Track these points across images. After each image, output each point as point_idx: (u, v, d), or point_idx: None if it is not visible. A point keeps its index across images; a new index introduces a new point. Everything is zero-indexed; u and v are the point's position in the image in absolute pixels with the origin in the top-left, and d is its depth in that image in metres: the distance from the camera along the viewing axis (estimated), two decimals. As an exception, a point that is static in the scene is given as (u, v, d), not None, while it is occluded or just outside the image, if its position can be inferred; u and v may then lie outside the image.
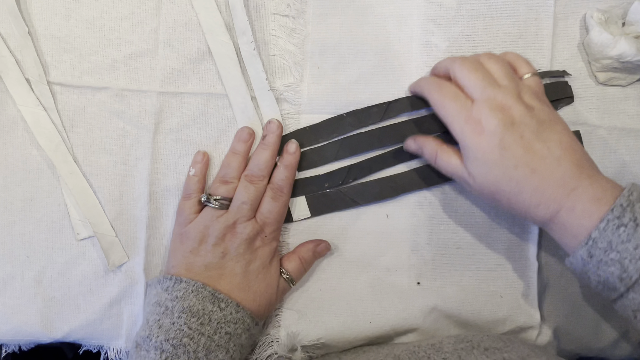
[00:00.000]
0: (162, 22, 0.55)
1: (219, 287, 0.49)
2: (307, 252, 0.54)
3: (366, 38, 0.56)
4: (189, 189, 0.53)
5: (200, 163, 0.54)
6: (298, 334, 0.54)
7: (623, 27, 0.56)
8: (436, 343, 0.50)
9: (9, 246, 0.54)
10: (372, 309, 0.55)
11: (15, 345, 0.56)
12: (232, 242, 0.50)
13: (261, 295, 0.51)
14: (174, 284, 0.49)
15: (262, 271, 0.51)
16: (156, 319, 0.47)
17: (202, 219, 0.51)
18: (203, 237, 0.51)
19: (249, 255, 0.51)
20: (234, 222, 0.51)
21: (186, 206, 0.52)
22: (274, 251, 0.53)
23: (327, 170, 0.56)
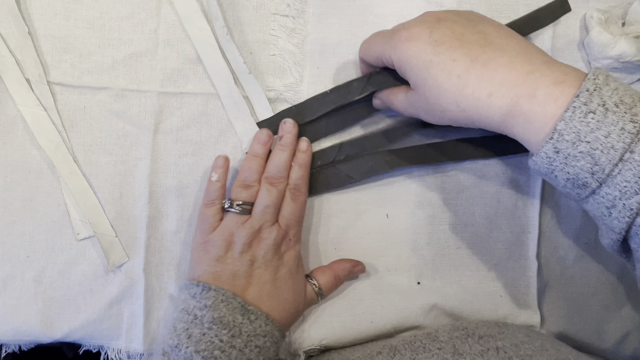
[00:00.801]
0: (162, 22, 0.55)
1: (246, 297, 0.48)
2: (344, 270, 0.53)
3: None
4: (212, 196, 0.51)
5: (222, 168, 0.52)
6: (301, 340, 0.54)
7: (623, 27, 0.55)
8: (432, 332, 0.50)
9: (9, 246, 0.54)
10: (372, 308, 0.55)
11: (15, 345, 0.56)
12: (259, 248, 0.49)
13: (289, 303, 0.50)
14: (202, 291, 0.47)
15: (290, 278, 0.50)
16: (184, 328, 0.46)
17: (226, 225, 0.50)
18: (229, 244, 0.49)
19: (277, 261, 0.50)
20: (259, 227, 0.49)
21: (209, 213, 0.50)
22: (299, 255, 0.52)
23: (318, 148, 0.55)
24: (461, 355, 0.45)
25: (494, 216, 0.57)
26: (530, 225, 0.57)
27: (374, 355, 0.49)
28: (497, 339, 0.46)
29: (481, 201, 0.56)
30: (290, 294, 0.50)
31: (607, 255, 0.58)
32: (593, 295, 0.58)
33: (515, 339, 0.46)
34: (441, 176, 0.56)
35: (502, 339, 0.46)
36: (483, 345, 0.45)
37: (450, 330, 0.49)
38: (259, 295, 0.48)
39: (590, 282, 0.58)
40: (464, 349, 0.45)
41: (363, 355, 0.50)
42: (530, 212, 0.56)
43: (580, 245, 0.57)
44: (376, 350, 0.49)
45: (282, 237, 0.50)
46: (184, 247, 0.55)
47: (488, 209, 0.57)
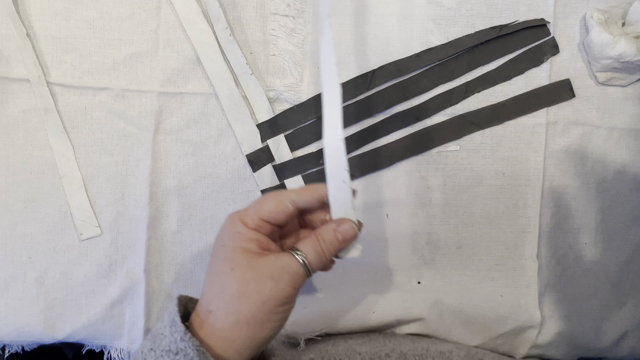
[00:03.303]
0: (162, 22, 0.55)
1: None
2: (327, 231, 0.42)
3: (366, 38, 0.56)
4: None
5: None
6: (300, 327, 0.54)
7: (623, 27, 0.55)
8: (445, 352, 0.50)
9: (11, 247, 0.54)
10: (375, 300, 0.55)
11: (18, 345, 0.56)
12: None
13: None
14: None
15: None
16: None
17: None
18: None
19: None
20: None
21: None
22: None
23: (320, 147, 0.56)
24: None
25: (494, 216, 0.57)
26: (530, 225, 0.57)
27: (382, 357, 0.49)
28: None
29: (481, 201, 0.57)
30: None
31: (607, 255, 0.58)
32: (593, 295, 0.58)
33: None
34: (441, 176, 0.56)
35: None
36: None
37: (465, 356, 0.49)
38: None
39: (590, 282, 0.58)
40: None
41: (371, 352, 0.49)
42: (530, 212, 0.57)
43: (580, 245, 0.57)
44: (385, 352, 0.49)
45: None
46: (184, 247, 0.56)
47: (488, 209, 0.57)
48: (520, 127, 0.56)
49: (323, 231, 0.42)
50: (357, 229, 0.42)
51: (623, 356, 0.58)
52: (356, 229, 0.42)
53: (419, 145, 0.56)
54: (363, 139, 0.56)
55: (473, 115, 0.56)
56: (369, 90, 0.56)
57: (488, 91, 0.57)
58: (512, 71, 0.56)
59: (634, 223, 0.58)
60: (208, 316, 0.39)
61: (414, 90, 0.56)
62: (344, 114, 0.55)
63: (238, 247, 0.40)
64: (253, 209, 0.41)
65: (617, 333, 0.58)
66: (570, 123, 0.57)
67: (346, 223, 0.42)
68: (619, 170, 0.57)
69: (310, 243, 0.42)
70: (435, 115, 0.56)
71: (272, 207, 0.41)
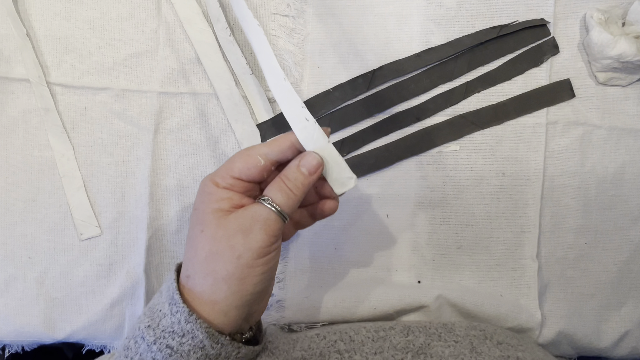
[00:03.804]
0: (162, 22, 0.55)
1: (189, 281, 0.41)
2: (290, 169, 0.41)
3: (366, 38, 0.56)
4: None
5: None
6: (299, 320, 0.55)
7: (623, 27, 0.55)
8: (448, 324, 0.50)
9: (11, 247, 0.54)
10: (376, 295, 0.55)
11: (18, 345, 0.56)
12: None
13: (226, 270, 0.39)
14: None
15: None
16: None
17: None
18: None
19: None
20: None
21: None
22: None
23: None
24: (480, 355, 0.45)
25: (494, 216, 0.57)
26: (530, 225, 0.57)
27: (386, 329, 0.49)
28: (517, 349, 0.46)
29: (481, 201, 0.57)
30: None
31: (607, 255, 0.58)
32: (593, 295, 0.58)
33: (535, 354, 0.46)
34: (441, 176, 0.56)
35: (523, 351, 0.46)
36: (503, 351, 0.45)
37: (467, 328, 0.49)
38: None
39: (590, 282, 0.58)
40: (482, 349, 0.45)
41: (375, 326, 0.50)
42: (530, 212, 0.57)
43: (580, 245, 0.57)
44: (389, 325, 0.50)
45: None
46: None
47: (488, 209, 0.57)
48: (520, 127, 0.56)
49: (286, 170, 0.41)
50: (319, 157, 0.41)
51: (623, 356, 0.58)
52: (319, 157, 0.41)
53: (419, 145, 0.56)
54: (363, 139, 0.56)
55: (473, 115, 0.56)
56: (369, 90, 0.56)
57: (488, 91, 0.57)
58: (512, 71, 0.57)
59: (633, 223, 0.58)
60: (187, 281, 0.38)
61: (414, 90, 0.56)
62: (344, 114, 0.56)
63: (208, 208, 0.39)
64: (223, 168, 0.40)
65: (617, 333, 0.58)
66: (570, 123, 0.57)
67: (308, 155, 0.41)
68: (619, 170, 0.57)
69: (274, 185, 0.40)
70: (435, 115, 0.56)
71: (242, 164, 0.40)
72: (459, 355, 0.45)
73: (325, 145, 0.41)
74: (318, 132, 0.41)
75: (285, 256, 0.56)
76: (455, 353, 0.45)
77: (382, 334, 0.48)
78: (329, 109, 0.55)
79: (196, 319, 0.36)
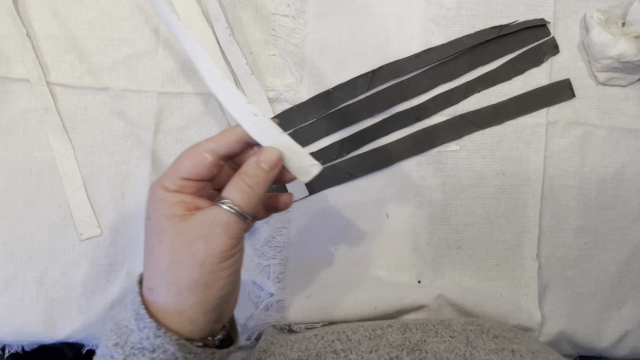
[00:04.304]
0: (162, 22, 0.55)
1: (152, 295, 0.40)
2: (249, 165, 0.39)
3: (366, 38, 0.56)
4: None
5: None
6: (299, 320, 0.55)
7: (623, 27, 0.55)
8: (445, 320, 0.50)
9: (11, 247, 0.54)
10: (376, 295, 0.55)
11: (18, 345, 0.56)
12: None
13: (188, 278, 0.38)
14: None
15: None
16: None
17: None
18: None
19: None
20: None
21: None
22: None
23: (320, 147, 0.56)
24: (475, 349, 0.45)
25: (494, 216, 0.57)
26: (530, 225, 0.57)
27: (384, 327, 0.49)
28: (512, 342, 0.46)
29: (481, 201, 0.57)
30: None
31: (607, 255, 0.58)
32: (593, 295, 0.58)
33: (531, 346, 0.46)
34: (442, 176, 0.56)
35: (519, 343, 0.46)
36: (498, 344, 0.45)
37: (464, 324, 0.49)
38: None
39: (590, 282, 0.58)
40: (478, 343, 0.46)
41: (373, 325, 0.50)
42: (530, 212, 0.57)
43: (580, 245, 0.57)
44: (387, 324, 0.50)
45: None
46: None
47: (488, 209, 0.57)
48: (520, 127, 0.57)
49: (245, 167, 0.38)
50: (278, 151, 0.39)
51: (623, 356, 0.59)
52: (278, 152, 0.39)
53: (419, 145, 0.56)
54: (363, 139, 0.56)
55: (473, 115, 0.56)
56: (369, 90, 0.56)
57: (488, 91, 0.57)
58: (512, 71, 0.57)
59: (633, 223, 0.58)
60: (150, 294, 0.37)
61: (414, 90, 0.56)
62: (344, 114, 0.56)
63: (162, 216, 0.37)
64: (171, 171, 0.38)
65: (617, 333, 0.58)
66: (570, 123, 0.57)
67: (266, 150, 0.39)
68: (619, 170, 0.57)
69: (234, 185, 0.38)
70: (435, 115, 0.56)
71: (189, 163, 0.38)
72: (453, 349, 0.45)
73: (279, 137, 0.39)
74: (270, 126, 0.39)
75: (286, 256, 0.56)
76: (451, 348, 0.45)
77: (379, 332, 0.48)
78: (329, 109, 0.56)
79: (165, 332, 0.35)
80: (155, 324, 0.35)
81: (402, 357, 0.44)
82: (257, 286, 0.57)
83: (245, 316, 0.57)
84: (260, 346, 0.49)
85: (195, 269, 0.36)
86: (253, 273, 0.57)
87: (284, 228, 0.56)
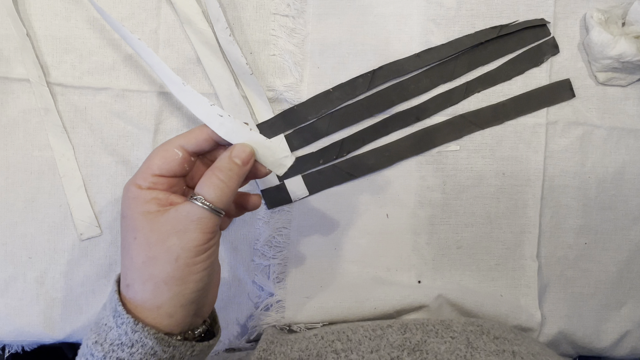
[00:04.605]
0: (162, 22, 0.55)
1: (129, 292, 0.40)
2: (222, 160, 0.39)
3: (366, 38, 0.56)
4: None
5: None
6: (299, 320, 0.55)
7: (623, 27, 0.55)
8: (445, 320, 0.50)
9: (11, 247, 0.54)
10: (376, 295, 0.55)
11: (18, 345, 0.56)
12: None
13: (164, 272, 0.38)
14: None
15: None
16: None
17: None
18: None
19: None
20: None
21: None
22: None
23: (320, 147, 0.56)
24: (475, 350, 0.45)
25: (494, 216, 0.57)
26: (530, 225, 0.57)
27: (384, 327, 0.49)
28: (513, 344, 0.46)
29: (481, 201, 0.57)
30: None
31: (607, 255, 0.58)
32: (593, 295, 0.58)
33: (531, 348, 0.46)
34: (441, 176, 0.56)
35: (519, 345, 0.46)
36: (499, 345, 0.45)
37: (465, 324, 0.49)
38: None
39: (590, 282, 0.58)
40: (478, 344, 0.46)
41: (373, 325, 0.50)
42: (530, 212, 0.57)
43: (580, 245, 0.57)
44: (387, 324, 0.50)
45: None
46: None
47: (488, 209, 0.57)
48: (520, 127, 0.57)
49: (218, 162, 0.39)
50: (250, 146, 0.40)
51: (623, 356, 0.59)
52: (250, 147, 0.40)
53: (419, 145, 0.56)
54: (363, 139, 0.56)
55: (473, 115, 0.56)
56: (369, 90, 0.56)
57: (488, 91, 0.57)
58: (512, 71, 0.57)
59: (633, 223, 0.58)
60: (128, 290, 0.38)
61: (414, 90, 0.56)
62: (344, 114, 0.56)
63: (136, 213, 0.38)
64: (142, 168, 0.39)
65: (617, 333, 0.58)
66: (570, 123, 0.57)
67: (238, 146, 0.40)
68: (619, 170, 0.57)
69: (206, 181, 0.38)
70: (435, 115, 0.56)
71: (160, 160, 0.39)
72: (454, 350, 0.45)
73: (249, 135, 0.41)
74: (237, 125, 0.41)
75: (286, 256, 0.56)
76: (451, 349, 0.45)
77: (379, 332, 0.48)
78: (329, 109, 0.55)
79: (143, 327, 0.36)
80: (132, 319, 0.36)
81: (403, 357, 0.45)
82: (257, 286, 0.57)
83: (245, 316, 0.57)
84: (260, 346, 0.49)
85: (170, 264, 0.36)
86: (253, 273, 0.57)
87: (284, 228, 0.56)
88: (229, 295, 0.57)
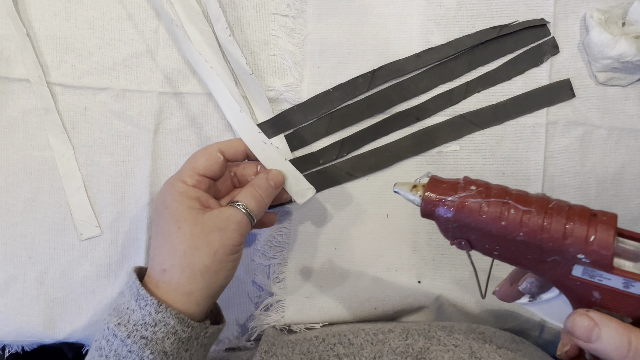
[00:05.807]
0: (162, 22, 0.54)
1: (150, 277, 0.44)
2: (260, 179, 0.47)
3: (366, 38, 0.56)
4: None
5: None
6: (299, 320, 0.55)
7: (623, 27, 0.55)
8: (447, 325, 0.51)
9: (11, 247, 0.54)
10: (376, 296, 0.55)
11: (18, 345, 0.56)
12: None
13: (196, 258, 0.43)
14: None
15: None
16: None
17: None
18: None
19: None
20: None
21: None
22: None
23: (320, 147, 0.56)
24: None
25: (494, 216, 0.57)
26: (530, 225, 0.57)
27: (385, 332, 0.49)
28: (516, 353, 0.47)
29: (481, 201, 0.56)
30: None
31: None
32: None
33: (533, 358, 0.47)
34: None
35: (522, 356, 0.46)
36: (502, 356, 0.46)
37: (467, 331, 0.49)
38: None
39: (590, 282, 0.58)
40: (482, 354, 0.46)
41: (374, 329, 0.50)
42: (530, 212, 0.57)
43: (580, 245, 0.57)
44: (388, 328, 0.50)
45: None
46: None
47: (488, 209, 0.57)
48: (520, 127, 0.57)
49: (257, 180, 0.47)
50: (283, 174, 0.49)
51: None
52: (283, 174, 0.49)
53: (419, 145, 0.56)
54: (363, 139, 0.56)
55: (473, 115, 0.56)
56: (369, 90, 0.56)
57: (488, 91, 0.57)
58: (512, 71, 0.57)
59: (633, 223, 0.58)
60: (163, 275, 0.42)
61: (414, 90, 0.56)
62: (344, 114, 0.56)
63: (181, 206, 0.43)
64: (189, 167, 0.45)
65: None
66: (570, 123, 0.57)
67: (274, 171, 0.48)
68: (619, 170, 0.57)
69: (248, 193, 0.46)
70: (435, 115, 0.56)
71: (205, 161, 0.45)
72: None
73: (283, 163, 0.49)
74: (275, 153, 0.49)
75: (286, 256, 0.56)
76: (455, 358, 0.45)
77: (381, 337, 0.48)
78: (329, 109, 0.55)
79: (166, 307, 0.40)
80: (155, 300, 0.40)
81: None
82: (257, 286, 0.57)
83: (245, 316, 0.58)
84: (262, 347, 0.49)
85: (209, 256, 0.41)
86: (253, 273, 0.57)
87: (284, 228, 0.56)
88: (229, 295, 0.57)
